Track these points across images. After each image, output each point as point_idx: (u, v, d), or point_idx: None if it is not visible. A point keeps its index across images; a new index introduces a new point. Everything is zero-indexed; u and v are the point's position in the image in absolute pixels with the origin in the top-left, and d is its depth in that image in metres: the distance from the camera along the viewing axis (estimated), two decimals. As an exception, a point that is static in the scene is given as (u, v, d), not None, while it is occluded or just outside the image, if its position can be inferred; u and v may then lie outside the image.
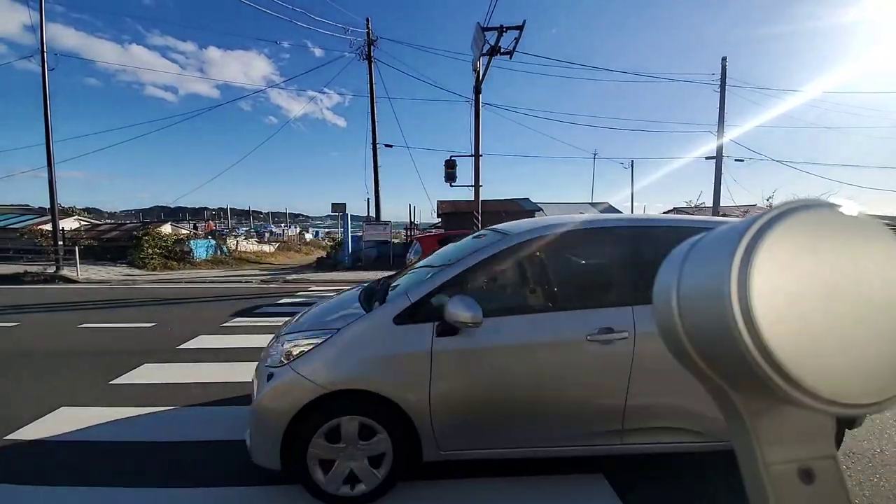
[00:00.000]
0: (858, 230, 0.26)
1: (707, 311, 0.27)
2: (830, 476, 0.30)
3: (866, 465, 2.26)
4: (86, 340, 4.96)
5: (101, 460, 2.31)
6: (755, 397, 0.29)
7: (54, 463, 2.29)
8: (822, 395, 0.24)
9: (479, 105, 11.66)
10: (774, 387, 0.24)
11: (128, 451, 2.40)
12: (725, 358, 0.27)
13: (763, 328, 0.24)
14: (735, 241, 0.26)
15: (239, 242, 20.99)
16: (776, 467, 0.30)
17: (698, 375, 0.32)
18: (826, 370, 0.24)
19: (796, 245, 0.25)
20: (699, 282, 0.28)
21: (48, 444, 2.48)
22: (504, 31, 9.47)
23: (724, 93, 17.04)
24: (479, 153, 11.89)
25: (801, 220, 0.26)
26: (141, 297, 8.46)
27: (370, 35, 16.22)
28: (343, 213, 15.86)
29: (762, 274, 0.24)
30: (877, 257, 0.26)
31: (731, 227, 0.28)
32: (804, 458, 0.30)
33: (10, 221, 18.86)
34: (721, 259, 0.26)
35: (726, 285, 0.25)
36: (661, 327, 0.32)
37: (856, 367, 0.24)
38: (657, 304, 0.33)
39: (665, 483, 2.10)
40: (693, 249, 0.31)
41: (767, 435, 0.30)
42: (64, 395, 3.19)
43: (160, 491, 2.05)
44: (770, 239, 0.25)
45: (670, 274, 0.31)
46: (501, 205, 19.39)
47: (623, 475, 2.14)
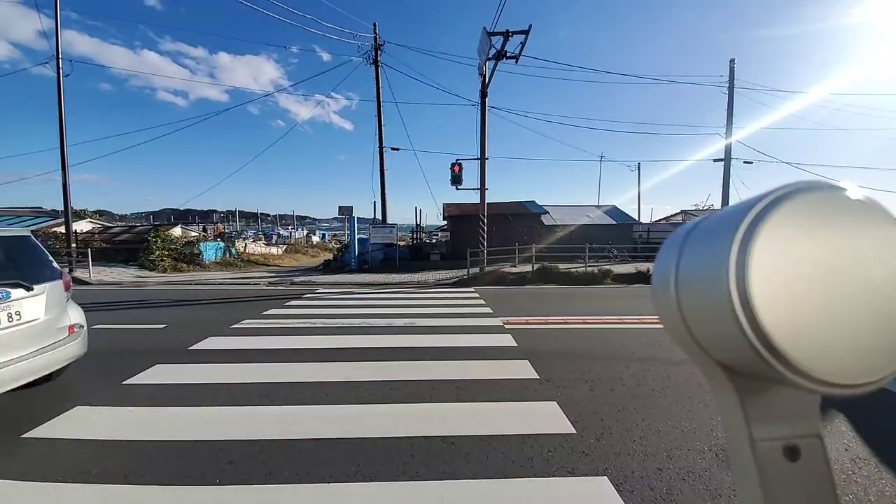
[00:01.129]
0: (859, 212, 0.26)
1: (705, 292, 0.27)
2: (815, 454, 0.30)
3: (872, 470, 2.24)
4: (99, 341, 5.04)
5: (113, 459, 2.37)
6: (749, 377, 0.30)
7: (69, 461, 2.35)
8: (816, 377, 0.24)
9: (486, 109, 11.71)
10: (769, 368, 0.24)
11: (140, 451, 2.46)
12: (722, 339, 0.27)
13: (760, 310, 0.24)
14: (735, 224, 0.26)
15: (247, 245, 21.22)
16: (763, 444, 0.30)
17: (693, 355, 0.32)
18: (821, 351, 0.24)
19: (796, 227, 0.25)
20: (698, 264, 0.29)
21: (63, 443, 2.55)
22: (510, 36, 9.52)
23: (733, 95, 16.92)
24: (485, 156, 11.92)
25: (802, 202, 0.26)
26: (152, 299, 8.59)
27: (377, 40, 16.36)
28: (349, 215, 15.96)
29: (761, 256, 0.25)
30: (876, 239, 0.26)
31: (731, 210, 0.28)
32: (790, 437, 0.30)
33: (24, 224, 19.25)
34: (720, 241, 0.26)
35: (724, 267, 0.25)
36: (659, 308, 0.33)
37: (851, 348, 0.25)
38: (656, 286, 0.33)
39: (670, 485, 2.10)
40: (693, 231, 0.31)
41: (756, 413, 0.30)
42: (78, 395, 3.27)
43: (170, 489, 2.09)
44: (770, 221, 0.25)
45: (669, 256, 0.32)
46: (507, 207, 19.36)
47: (627, 478, 2.15)
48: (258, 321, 6.14)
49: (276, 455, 2.38)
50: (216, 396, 3.26)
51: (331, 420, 2.84)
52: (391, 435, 2.61)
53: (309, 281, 11.88)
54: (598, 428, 2.71)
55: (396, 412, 2.97)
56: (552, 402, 3.09)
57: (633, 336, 5.18)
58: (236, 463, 2.31)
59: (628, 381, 3.56)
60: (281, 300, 8.29)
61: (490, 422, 2.79)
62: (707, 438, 2.57)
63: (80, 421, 2.85)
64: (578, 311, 6.86)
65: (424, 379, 3.61)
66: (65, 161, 12.42)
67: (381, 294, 9.28)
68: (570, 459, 2.34)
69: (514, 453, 2.39)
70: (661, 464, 2.29)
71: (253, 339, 5.09)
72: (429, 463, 2.31)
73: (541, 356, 4.24)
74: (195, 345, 4.78)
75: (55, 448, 2.49)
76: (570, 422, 2.77)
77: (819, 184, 0.27)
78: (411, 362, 4.10)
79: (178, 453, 2.42)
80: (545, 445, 2.48)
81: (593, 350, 4.52)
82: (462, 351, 4.49)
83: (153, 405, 3.10)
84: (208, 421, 2.84)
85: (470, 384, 3.49)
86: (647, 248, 17.90)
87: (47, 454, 2.43)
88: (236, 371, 3.88)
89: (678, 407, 3.03)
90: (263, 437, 2.58)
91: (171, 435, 2.63)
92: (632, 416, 2.88)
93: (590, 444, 2.51)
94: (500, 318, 6.22)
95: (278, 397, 3.24)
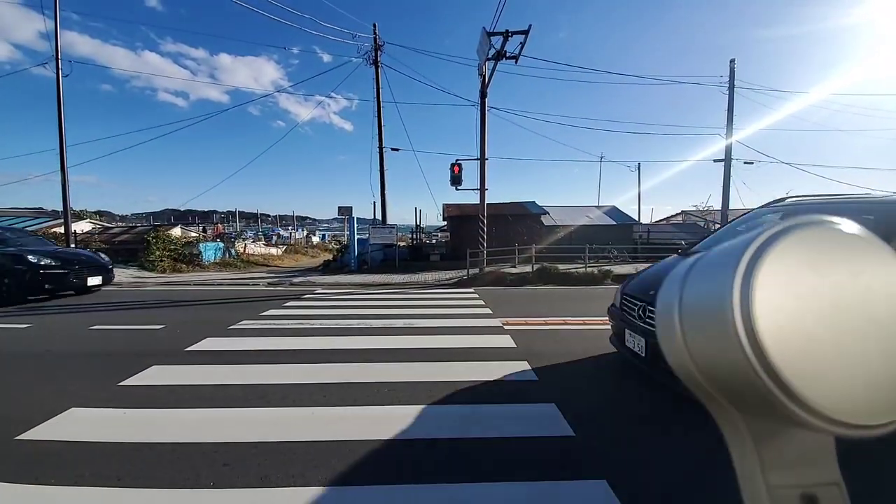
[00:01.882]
0: (858, 247, 0.26)
1: (710, 329, 0.27)
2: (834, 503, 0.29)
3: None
4: (96, 342, 5.03)
5: (108, 461, 2.34)
6: (759, 417, 0.29)
7: (63, 463, 2.33)
8: (828, 416, 0.23)
9: (485, 109, 11.70)
10: (780, 406, 0.24)
11: (135, 453, 2.43)
12: (730, 377, 0.26)
13: (768, 346, 0.23)
14: (736, 259, 0.26)
15: (247, 245, 21.22)
16: (778, 492, 0.29)
17: (702, 395, 0.31)
18: (832, 389, 0.23)
19: (797, 262, 0.25)
20: (701, 300, 0.28)
21: (59, 445, 2.52)
22: (510, 36, 9.50)
23: (733, 95, 16.91)
24: (484, 157, 11.91)
25: (801, 238, 0.26)
26: (150, 300, 8.57)
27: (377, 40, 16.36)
28: (349, 216, 15.94)
29: (764, 292, 0.24)
30: (878, 274, 0.26)
31: (731, 245, 0.28)
32: (807, 484, 0.29)
33: (23, 224, 19.25)
34: (722, 277, 0.26)
35: (729, 304, 0.25)
36: (664, 346, 0.32)
37: (862, 386, 0.24)
38: (660, 324, 0.32)
39: (669, 489, 2.07)
40: (694, 267, 0.31)
41: (770, 458, 0.29)
42: (75, 396, 3.24)
43: (164, 492, 2.07)
44: (771, 256, 0.25)
45: (672, 293, 0.31)
46: (507, 208, 19.36)
47: (626, 482, 2.12)
48: (256, 322, 6.12)
49: (271, 457, 2.36)
50: (212, 398, 3.24)
51: (328, 422, 2.82)
52: (388, 437, 2.59)
53: (308, 281, 11.86)
54: (597, 431, 2.68)
55: (394, 414, 2.94)
56: (551, 404, 3.07)
57: (633, 337, 5.15)
58: (231, 465, 2.28)
59: (629, 383, 3.54)
60: (280, 301, 8.27)
61: (489, 424, 2.77)
62: (708, 442, 2.55)
63: (76, 422, 2.83)
64: (578, 312, 6.83)
65: (423, 381, 3.58)
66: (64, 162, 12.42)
67: (381, 295, 9.26)
68: (569, 462, 2.32)
69: (512, 456, 2.37)
70: (662, 467, 2.27)
71: (251, 340, 5.06)
72: (426, 466, 2.28)
73: (540, 357, 4.22)
74: (192, 346, 4.75)
75: (49, 450, 2.47)
76: (570, 424, 2.74)
77: (818, 219, 0.27)
78: (410, 363, 4.08)
79: (173, 455, 2.39)
80: (544, 448, 2.46)
81: (594, 351, 4.49)
82: (461, 352, 4.47)
83: (149, 406, 3.08)
84: (204, 422, 2.82)
85: (468, 385, 3.46)
86: (647, 248, 17.90)
87: (41, 456, 2.40)
88: (233, 372, 3.85)
89: (679, 410, 3.01)
90: (259, 440, 2.55)
91: (166, 437, 2.60)
92: (632, 419, 2.86)
93: (589, 446, 2.48)
94: (500, 319, 6.20)
95: (275, 399, 3.22)
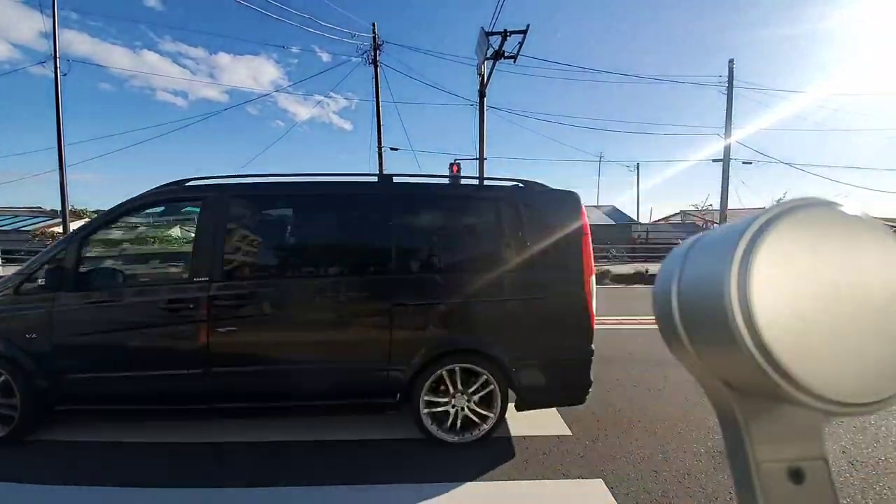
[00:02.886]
0: (859, 229, 0.26)
1: (706, 308, 0.27)
2: (820, 477, 0.30)
3: (870, 472, 2.24)
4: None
5: (110, 461, 2.36)
6: (750, 395, 0.29)
7: (66, 464, 2.34)
8: (819, 394, 0.24)
9: (484, 108, 11.71)
10: (772, 385, 0.24)
11: (136, 452, 2.45)
12: (725, 356, 0.27)
13: (762, 326, 0.24)
14: (735, 240, 0.26)
15: (246, 244, 21.13)
16: (766, 466, 0.29)
17: (697, 373, 0.32)
18: (824, 369, 0.24)
19: (796, 244, 0.25)
20: (699, 279, 0.29)
21: (52, 444, 2.53)
22: (508, 36, 9.51)
23: (732, 95, 16.93)
24: (483, 157, 11.93)
25: (802, 219, 0.26)
26: (149, 299, 8.56)
27: (376, 40, 16.34)
28: (348, 215, 15.90)
29: (762, 272, 0.24)
30: (877, 256, 0.26)
31: (731, 226, 0.28)
32: (794, 458, 0.30)
33: (22, 223, 19.22)
34: (721, 257, 0.26)
35: (726, 284, 0.25)
36: (660, 324, 0.33)
37: (854, 366, 0.24)
38: (657, 301, 0.33)
39: (665, 488, 2.09)
40: (694, 246, 0.31)
41: (759, 434, 0.30)
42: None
43: (165, 491, 2.08)
44: (770, 237, 0.25)
45: (671, 271, 0.32)
46: (506, 207, 19.33)
47: (622, 480, 2.14)
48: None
49: (270, 456, 2.37)
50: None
51: (325, 420, 2.83)
52: (388, 437, 2.60)
53: (307, 281, 11.85)
54: (594, 429, 2.70)
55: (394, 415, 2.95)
56: (548, 404, 3.08)
57: (631, 337, 5.18)
58: (230, 464, 2.30)
59: (625, 383, 3.55)
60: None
61: (486, 423, 2.78)
62: (703, 440, 2.56)
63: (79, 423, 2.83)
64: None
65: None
66: (62, 160, 12.40)
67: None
68: (565, 461, 2.34)
69: (510, 455, 2.39)
70: (657, 466, 2.29)
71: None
72: (426, 465, 2.30)
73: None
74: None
75: (53, 450, 2.48)
76: (566, 423, 2.76)
77: (819, 200, 0.27)
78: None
79: (174, 454, 2.41)
80: (541, 447, 2.47)
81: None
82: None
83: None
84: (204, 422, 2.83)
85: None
86: (646, 248, 17.93)
87: (38, 453, 2.41)
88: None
89: (675, 408, 3.03)
90: (258, 439, 2.57)
91: (167, 436, 2.61)
92: (628, 418, 2.88)
93: (586, 445, 2.50)
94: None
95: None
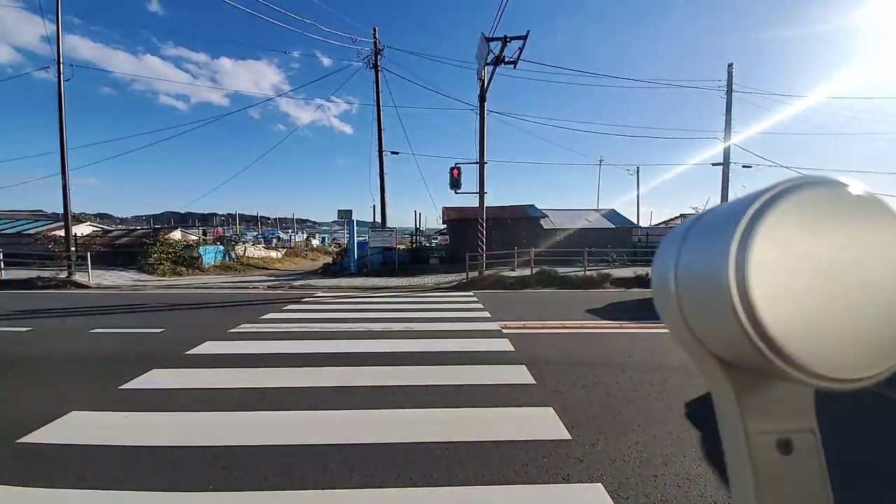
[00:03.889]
0: (861, 208, 0.26)
1: (705, 288, 0.27)
2: (808, 448, 0.30)
3: (870, 478, 2.23)
4: (96, 345, 5.05)
5: (108, 464, 2.36)
6: (745, 371, 0.30)
7: (64, 467, 2.34)
8: (815, 371, 0.24)
9: (485, 113, 11.76)
10: (768, 363, 0.24)
11: (135, 456, 2.45)
12: (721, 334, 0.27)
13: (759, 306, 0.24)
14: (735, 219, 0.26)
15: (247, 248, 21.21)
16: (757, 437, 0.30)
17: (690, 350, 0.32)
18: (820, 346, 0.24)
19: (796, 223, 0.25)
20: (698, 259, 0.29)
21: (59, 448, 2.54)
22: (508, 42, 9.58)
23: (731, 99, 16.99)
24: (484, 160, 11.96)
25: (803, 198, 0.26)
26: (150, 303, 8.58)
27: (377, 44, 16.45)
28: (349, 219, 15.99)
29: (761, 252, 0.24)
30: (877, 235, 0.26)
31: (731, 205, 0.28)
32: (784, 430, 0.30)
33: (24, 227, 19.27)
34: (720, 237, 0.26)
35: (724, 263, 0.25)
36: (658, 303, 0.33)
37: (850, 343, 0.25)
38: (655, 281, 0.33)
39: (665, 492, 2.09)
40: (693, 227, 0.31)
41: (751, 407, 0.30)
42: (75, 400, 3.26)
43: (164, 495, 2.09)
44: (770, 217, 0.25)
45: (670, 251, 0.32)
46: (506, 211, 19.40)
47: (622, 485, 2.14)
48: (256, 325, 6.14)
49: (270, 461, 2.38)
50: (212, 401, 3.26)
51: (326, 425, 2.84)
52: (386, 441, 2.61)
53: (308, 285, 11.88)
54: (593, 434, 2.70)
55: (392, 418, 2.96)
56: (548, 408, 3.09)
57: (631, 341, 5.18)
58: (230, 469, 2.30)
59: (625, 387, 3.56)
60: (279, 304, 8.29)
61: (486, 427, 2.79)
62: (703, 445, 2.57)
63: (76, 426, 2.85)
64: (577, 315, 6.86)
65: (421, 384, 3.60)
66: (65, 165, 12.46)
67: (380, 298, 9.28)
68: (565, 466, 2.34)
69: (509, 459, 2.39)
70: (657, 470, 2.29)
71: (250, 344, 5.08)
72: (424, 469, 2.30)
73: (538, 361, 4.24)
74: (193, 349, 4.77)
75: (50, 453, 2.49)
76: (566, 427, 2.76)
77: (820, 179, 0.26)
78: (408, 367, 4.10)
79: (173, 459, 2.41)
80: (541, 451, 2.48)
81: (591, 355, 4.52)
82: (459, 356, 4.49)
83: (149, 410, 3.10)
84: (204, 426, 2.84)
85: (466, 389, 3.48)
86: (646, 251, 17.92)
87: (43, 459, 2.42)
88: (233, 376, 3.87)
89: (675, 413, 3.03)
90: (258, 443, 2.57)
91: (166, 440, 2.62)
92: (628, 422, 2.88)
93: (585, 450, 2.51)
94: (498, 323, 6.22)
95: (274, 402, 3.23)
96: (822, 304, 0.25)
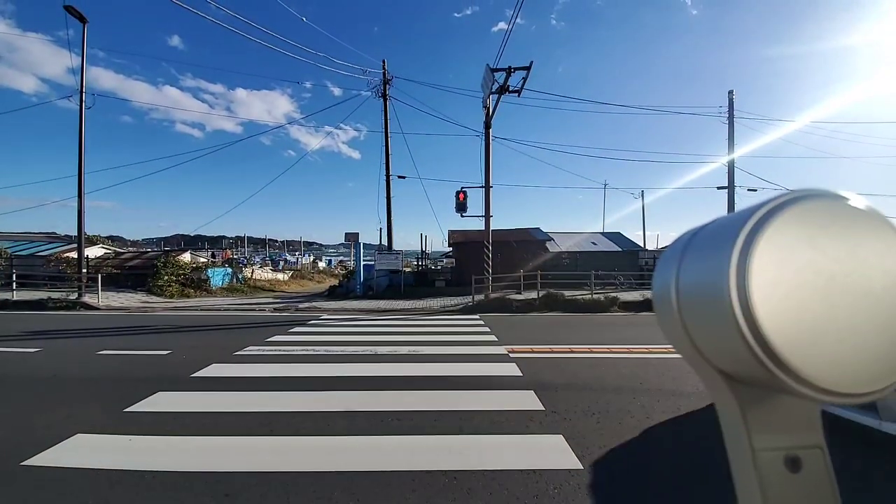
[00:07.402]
0: (860, 220, 0.26)
1: (706, 302, 0.27)
2: (817, 465, 0.30)
3: None
4: (103, 367, 5.06)
5: (112, 488, 2.33)
6: (750, 386, 0.29)
7: (69, 490, 2.32)
8: (819, 385, 0.24)
9: (490, 139, 12.02)
10: (772, 377, 0.24)
11: (138, 480, 2.42)
12: (724, 348, 0.27)
13: (762, 319, 0.24)
14: (735, 232, 0.26)
15: (254, 271, 21.38)
16: (764, 454, 0.29)
17: (695, 364, 0.32)
18: (823, 360, 0.24)
19: (796, 235, 0.25)
20: (698, 272, 0.28)
21: (64, 472, 2.52)
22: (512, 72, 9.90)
23: (733, 124, 17.22)
24: (489, 184, 12.13)
25: (802, 210, 0.26)
26: (157, 325, 8.62)
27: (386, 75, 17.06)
28: (356, 242, 16.14)
29: (761, 265, 0.24)
30: (877, 247, 0.26)
31: (731, 217, 0.28)
32: (792, 447, 0.30)
33: (38, 248, 19.66)
34: (721, 249, 0.26)
35: (725, 276, 0.25)
36: (660, 318, 0.32)
37: (852, 357, 0.24)
38: (656, 293, 0.33)
39: None
40: (693, 239, 0.31)
41: (756, 423, 0.30)
42: (80, 422, 3.25)
43: None
44: (770, 230, 0.25)
45: (670, 265, 0.31)
46: (512, 234, 19.46)
47: None
48: (262, 348, 6.12)
49: (273, 487, 2.33)
50: (216, 425, 3.23)
51: (330, 452, 2.79)
52: (392, 469, 2.55)
53: (314, 307, 11.88)
54: (606, 463, 2.62)
55: (397, 444, 2.90)
56: (558, 436, 3.01)
57: (642, 366, 5.08)
58: (233, 496, 2.26)
59: (637, 414, 3.47)
60: (285, 326, 8.28)
61: (494, 456, 2.72)
62: (719, 475, 2.47)
63: (81, 448, 2.83)
64: (585, 339, 6.76)
65: (427, 410, 3.54)
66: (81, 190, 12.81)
67: (386, 320, 9.24)
68: (577, 497, 2.26)
69: (518, 489, 2.32)
70: (674, 500, 2.21)
71: (256, 367, 5.06)
72: (430, 498, 2.24)
73: (546, 386, 4.16)
74: (198, 372, 4.76)
75: (54, 476, 2.46)
76: (577, 456, 2.69)
77: (820, 192, 0.26)
78: (414, 392, 4.04)
79: (176, 483, 2.38)
80: (551, 481, 2.40)
81: (601, 380, 4.43)
82: (466, 380, 4.43)
83: (154, 433, 3.07)
84: (207, 450, 2.80)
85: (473, 415, 3.42)
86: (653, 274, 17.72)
87: (47, 482, 2.40)
88: (238, 399, 3.84)
89: (689, 441, 2.94)
90: (262, 469, 2.53)
91: (169, 465, 2.59)
92: (641, 451, 2.79)
93: (597, 480, 2.43)
94: (505, 347, 6.14)
95: (278, 427, 3.19)
96: (823, 316, 0.24)
